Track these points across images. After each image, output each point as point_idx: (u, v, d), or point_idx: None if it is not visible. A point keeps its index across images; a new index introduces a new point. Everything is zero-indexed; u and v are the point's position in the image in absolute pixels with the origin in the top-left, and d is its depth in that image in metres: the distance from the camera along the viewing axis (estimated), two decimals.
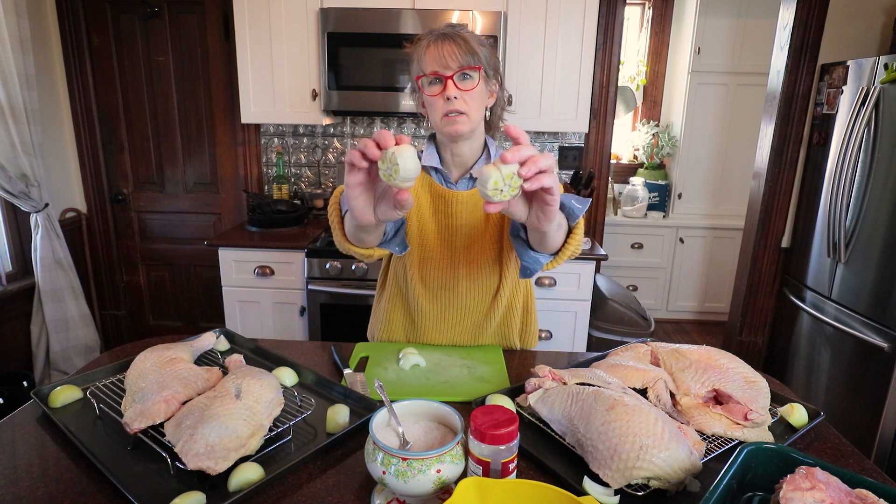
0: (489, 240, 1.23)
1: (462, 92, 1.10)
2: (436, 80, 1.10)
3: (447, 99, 1.09)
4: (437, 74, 1.09)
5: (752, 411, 0.93)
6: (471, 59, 1.10)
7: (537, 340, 1.43)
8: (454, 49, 1.09)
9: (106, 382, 1.06)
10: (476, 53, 1.10)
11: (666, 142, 3.88)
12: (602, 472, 0.79)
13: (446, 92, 1.09)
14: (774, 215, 2.75)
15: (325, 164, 2.93)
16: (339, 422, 0.93)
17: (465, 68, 1.09)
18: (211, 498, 0.76)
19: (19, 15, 2.28)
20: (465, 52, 1.09)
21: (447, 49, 1.09)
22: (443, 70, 1.09)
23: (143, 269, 3.11)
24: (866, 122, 2.17)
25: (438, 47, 1.09)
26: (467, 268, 1.23)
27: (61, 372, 2.67)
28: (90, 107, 2.85)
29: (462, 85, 1.10)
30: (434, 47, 1.10)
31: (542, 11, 2.38)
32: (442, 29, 1.12)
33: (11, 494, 0.78)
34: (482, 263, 1.23)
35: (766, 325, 2.90)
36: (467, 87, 1.11)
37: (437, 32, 1.12)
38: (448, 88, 1.09)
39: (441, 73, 1.09)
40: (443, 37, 1.10)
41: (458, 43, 1.09)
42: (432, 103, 1.12)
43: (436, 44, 1.10)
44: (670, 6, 3.92)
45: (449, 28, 1.12)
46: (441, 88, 1.10)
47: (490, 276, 1.24)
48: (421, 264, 1.24)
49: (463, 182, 1.23)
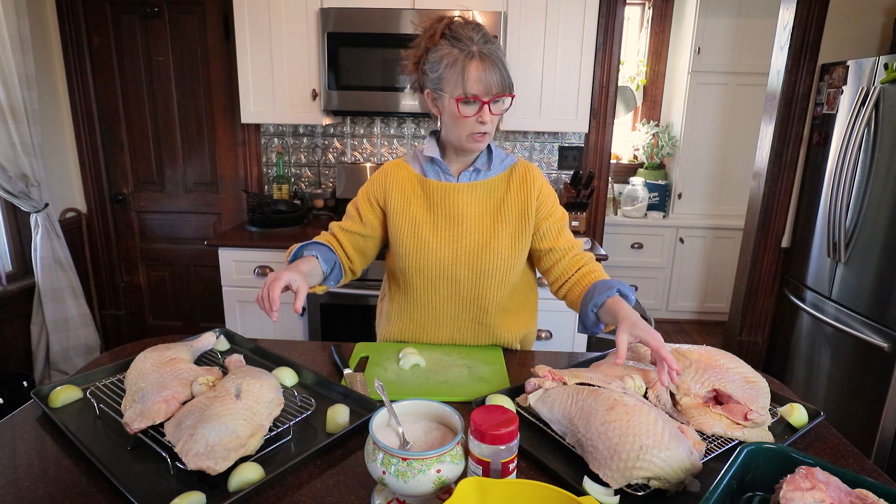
0: (497, 230, 1.24)
1: (493, 115, 1.14)
2: (473, 102, 1.12)
3: (480, 122, 1.13)
4: (478, 99, 1.11)
5: (752, 411, 0.93)
6: (507, 87, 1.13)
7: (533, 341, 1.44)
8: (495, 74, 1.10)
9: (106, 382, 1.06)
10: (510, 78, 1.13)
11: (666, 142, 3.88)
12: (602, 472, 0.79)
13: (481, 116, 1.13)
14: (774, 215, 2.75)
15: (325, 164, 2.93)
16: (339, 422, 0.93)
17: (502, 95, 1.12)
18: (211, 498, 0.76)
19: (19, 15, 2.28)
20: (505, 78, 1.12)
21: (490, 73, 1.10)
22: (483, 95, 1.11)
23: (143, 269, 3.11)
24: (866, 122, 2.17)
25: (482, 70, 1.10)
26: (468, 256, 1.24)
27: (61, 372, 2.67)
28: (90, 107, 2.85)
29: (494, 109, 1.13)
30: (478, 68, 1.10)
31: (542, 11, 2.38)
32: (481, 46, 1.11)
33: (11, 494, 0.78)
34: (486, 253, 1.23)
35: (766, 325, 2.90)
36: (498, 110, 1.14)
37: (477, 49, 1.10)
38: (484, 114, 1.12)
39: (481, 98, 1.11)
40: (486, 58, 1.10)
41: (498, 67, 1.11)
42: (461, 121, 1.14)
43: (481, 64, 1.10)
44: (670, 6, 3.92)
45: (488, 46, 1.11)
46: (476, 110, 1.12)
47: (493, 266, 1.24)
48: (417, 255, 1.25)
49: (465, 174, 1.25)
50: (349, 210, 1.34)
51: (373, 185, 1.30)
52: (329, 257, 1.25)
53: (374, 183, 1.30)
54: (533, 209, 1.25)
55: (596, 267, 1.27)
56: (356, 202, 1.32)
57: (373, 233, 1.31)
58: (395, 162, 1.31)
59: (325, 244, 1.27)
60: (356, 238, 1.31)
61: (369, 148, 2.91)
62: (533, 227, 1.26)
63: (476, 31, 1.12)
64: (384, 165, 1.32)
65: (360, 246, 1.32)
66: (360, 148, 2.91)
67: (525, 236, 1.25)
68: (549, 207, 1.27)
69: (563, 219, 1.30)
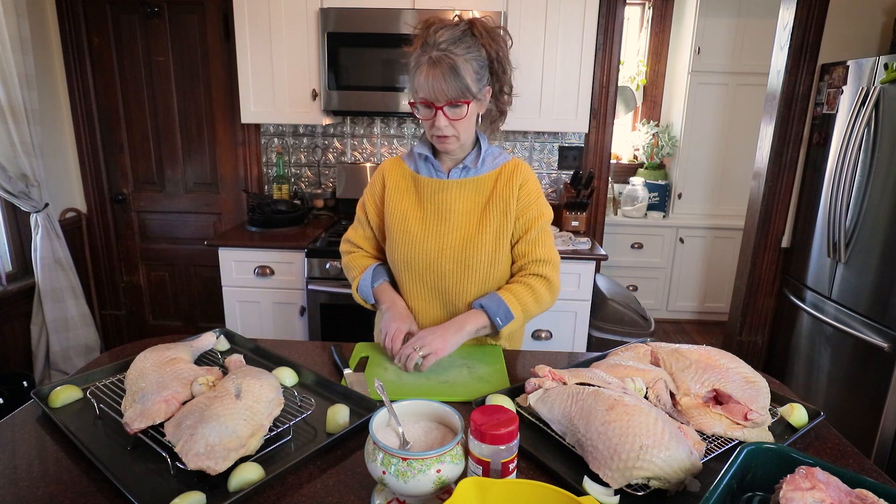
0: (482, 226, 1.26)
1: (451, 120, 1.14)
2: (428, 107, 1.14)
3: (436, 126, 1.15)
4: (427, 103, 1.13)
5: (752, 411, 0.93)
6: (460, 93, 1.12)
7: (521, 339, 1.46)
8: (444, 81, 1.10)
9: (106, 382, 1.06)
10: (466, 85, 1.11)
11: (666, 142, 3.88)
12: (602, 472, 0.79)
13: (435, 120, 1.14)
14: (774, 215, 2.75)
15: (325, 164, 2.93)
16: (339, 422, 0.93)
17: (453, 102, 1.13)
18: (211, 498, 0.76)
19: (19, 15, 2.28)
20: (456, 85, 1.11)
21: (439, 80, 1.10)
22: (433, 100, 1.12)
23: (143, 269, 3.11)
24: (866, 122, 2.16)
25: (431, 75, 1.10)
26: (453, 250, 1.25)
27: (61, 372, 2.67)
28: (90, 107, 2.85)
29: (452, 114, 1.14)
30: (428, 74, 1.11)
31: (542, 11, 2.38)
32: (437, 49, 1.10)
33: (11, 494, 0.78)
34: (470, 247, 1.25)
35: (766, 325, 2.90)
36: (457, 115, 1.15)
37: (431, 54, 1.10)
38: (437, 118, 1.14)
39: (433, 103, 1.12)
40: (435, 63, 1.10)
41: (449, 73, 1.09)
42: (424, 122, 1.18)
43: (430, 70, 1.10)
44: (670, 6, 3.92)
45: (440, 51, 1.10)
46: (432, 114, 1.14)
47: (477, 260, 1.25)
48: (405, 248, 1.28)
49: (455, 171, 1.28)
50: (358, 215, 1.40)
51: (373, 185, 1.36)
52: (389, 271, 1.36)
53: (374, 184, 1.36)
54: (513, 205, 1.25)
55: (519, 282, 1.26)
56: (363, 206, 1.38)
57: (381, 233, 1.37)
58: (392, 159, 1.36)
59: (379, 262, 1.37)
60: (374, 242, 1.39)
61: (369, 148, 2.91)
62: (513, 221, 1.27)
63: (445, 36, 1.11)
64: (382, 164, 1.37)
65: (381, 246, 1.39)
66: (360, 148, 2.91)
67: (507, 232, 1.26)
68: (524, 206, 1.26)
69: (533, 221, 1.26)
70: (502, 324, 1.21)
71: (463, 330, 1.19)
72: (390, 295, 1.31)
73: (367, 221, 1.37)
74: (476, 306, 1.23)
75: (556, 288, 1.29)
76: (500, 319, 1.21)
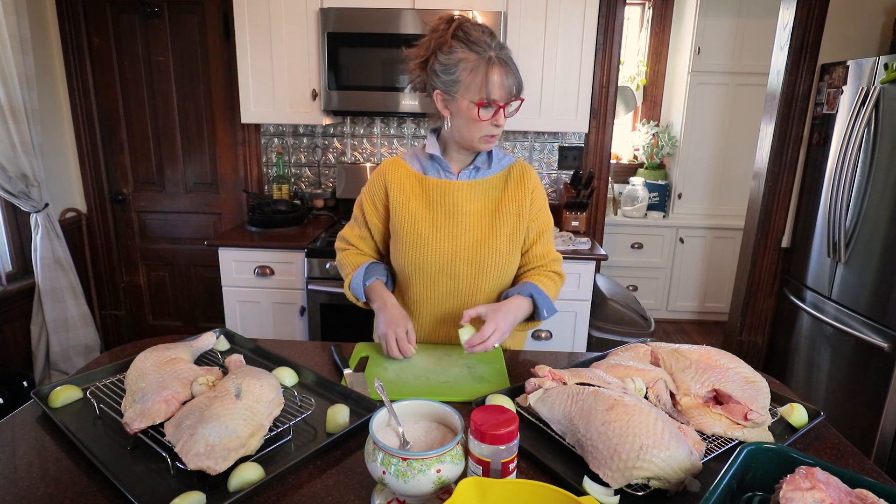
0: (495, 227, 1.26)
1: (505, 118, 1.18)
2: (491, 106, 1.15)
3: (496, 125, 1.17)
4: (496, 103, 1.14)
5: (752, 411, 0.93)
6: (519, 90, 1.17)
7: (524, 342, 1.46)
8: (514, 80, 1.14)
9: (106, 382, 1.06)
10: (521, 81, 1.17)
11: (666, 142, 3.88)
12: (602, 472, 0.79)
13: (497, 119, 1.16)
14: (774, 215, 2.75)
15: (325, 164, 2.93)
16: (339, 422, 0.93)
17: (516, 98, 1.17)
18: (211, 498, 0.76)
19: (19, 15, 2.28)
20: (518, 83, 1.16)
21: (510, 79, 1.14)
22: (502, 99, 1.14)
23: (143, 269, 3.11)
24: (866, 122, 2.16)
25: (504, 76, 1.13)
26: (467, 252, 1.25)
27: (61, 372, 2.67)
28: (90, 107, 2.85)
29: (508, 112, 1.18)
30: (500, 74, 1.13)
31: (542, 11, 2.38)
32: (499, 52, 1.14)
33: (11, 494, 0.78)
34: (485, 249, 1.25)
35: (766, 325, 2.90)
36: (509, 113, 1.18)
37: (496, 55, 1.13)
38: (499, 117, 1.16)
39: (500, 102, 1.14)
40: (505, 64, 1.13)
41: (514, 72, 1.15)
42: (477, 124, 1.17)
43: (502, 70, 1.13)
44: (670, 6, 3.92)
45: (504, 51, 1.14)
46: (493, 114, 1.15)
47: (492, 262, 1.26)
48: (416, 251, 1.26)
49: (466, 172, 1.27)
50: (355, 213, 1.38)
51: (372, 185, 1.33)
52: (384, 270, 1.37)
53: (373, 184, 1.32)
54: (527, 208, 1.28)
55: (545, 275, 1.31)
56: (360, 206, 1.36)
57: (378, 234, 1.36)
58: (392, 160, 1.33)
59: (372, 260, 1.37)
60: (371, 242, 1.38)
61: (369, 148, 2.91)
62: (526, 225, 1.29)
63: (490, 36, 1.14)
64: (381, 165, 1.34)
65: (377, 246, 1.40)
66: (360, 148, 2.91)
67: (520, 234, 1.28)
68: (536, 210, 1.31)
69: (547, 224, 1.34)
70: (547, 316, 1.24)
71: (518, 318, 1.22)
72: (381, 294, 1.28)
73: (363, 221, 1.35)
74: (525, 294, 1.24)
75: None
76: (546, 312, 1.24)
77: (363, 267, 1.31)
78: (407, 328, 1.22)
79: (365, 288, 1.30)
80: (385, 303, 1.26)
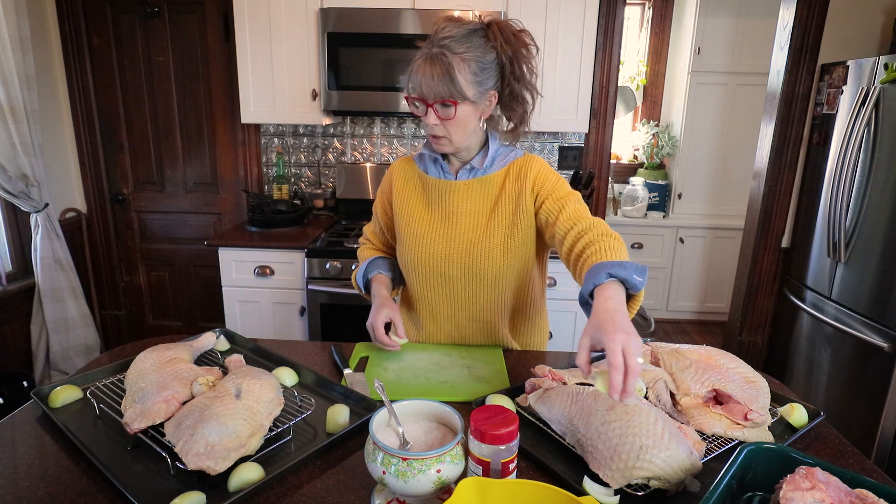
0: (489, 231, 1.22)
1: (441, 120, 1.12)
2: (420, 104, 1.12)
3: (427, 124, 1.14)
4: (419, 99, 1.11)
5: (752, 411, 0.93)
6: (448, 92, 1.08)
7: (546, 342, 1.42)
8: (433, 79, 1.07)
9: (106, 382, 1.06)
10: (458, 85, 1.08)
11: (666, 142, 3.88)
12: (602, 472, 0.79)
13: (424, 118, 1.13)
14: (774, 215, 2.75)
15: (325, 164, 2.93)
16: (339, 422, 0.93)
17: (442, 100, 1.10)
18: (211, 498, 0.76)
19: (19, 15, 2.28)
20: (447, 83, 1.07)
21: (427, 77, 1.08)
22: (423, 97, 1.11)
23: (143, 269, 3.11)
24: (866, 122, 2.16)
25: (421, 71, 1.09)
26: (460, 255, 1.23)
27: (61, 372, 2.67)
28: (90, 107, 2.85)
29: (442, 113, 1.12)
30: (419, 69, 1.09)
31: (542, 11, 2.38)
32: (436, 45, 1.08)
33: (11, 494, 0.78)
34: (477, 253, 1.22)
35: (766, 325, 2.90)
36: (446, 115, 1.12)
37: (430, 50, 1.09)
38: (428, 116, 1.12)
39: (424, 99, 1.11)
40: (432, 59, 1.08)
41: (440, 71, 1.07)
42: (421, 119, 1.16)
43: (422, 65, 1.09)
44: (670, 6, 3.92)
45: (439, 48, 1.08)
46: (424, 111, 1.12)
47: (486, 267, 1.22)
48: (413, 250, 1.27)
49: (462, 172, 1.25)
50: (374, 209, 1.43)
51: (384, 183, 1.38)
52: (390, 265, 1.38)
53: (384, 181, 1.37)
54: (527, 200, 1.20)
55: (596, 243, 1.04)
56: (376, 202, 1.41)
57: (388, 230, 1.39)
58: (403, 159, 1.36)
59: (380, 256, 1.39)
60: (383, 237, 1.42)
61: (369, 148, 2.91)
62: (530, 219, 1.21)
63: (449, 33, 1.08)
64: (393, 163, 1.37)
65: (389, 241, 1.42)
66: (360, 148, 2.91)
67: (518, 235, 1.21)
68: (549, 188, 1.19)
69: (569, 196, 1.17)
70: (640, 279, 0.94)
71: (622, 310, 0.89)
72: (376, 287, 1.32)
73: (377, 218, 1.41)
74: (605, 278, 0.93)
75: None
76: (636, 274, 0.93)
77: (368, 260, 1.37)
78: (391, 318, 1.22)
79: (367, 281, 1.35)
80: (374, 295, 1.30)
